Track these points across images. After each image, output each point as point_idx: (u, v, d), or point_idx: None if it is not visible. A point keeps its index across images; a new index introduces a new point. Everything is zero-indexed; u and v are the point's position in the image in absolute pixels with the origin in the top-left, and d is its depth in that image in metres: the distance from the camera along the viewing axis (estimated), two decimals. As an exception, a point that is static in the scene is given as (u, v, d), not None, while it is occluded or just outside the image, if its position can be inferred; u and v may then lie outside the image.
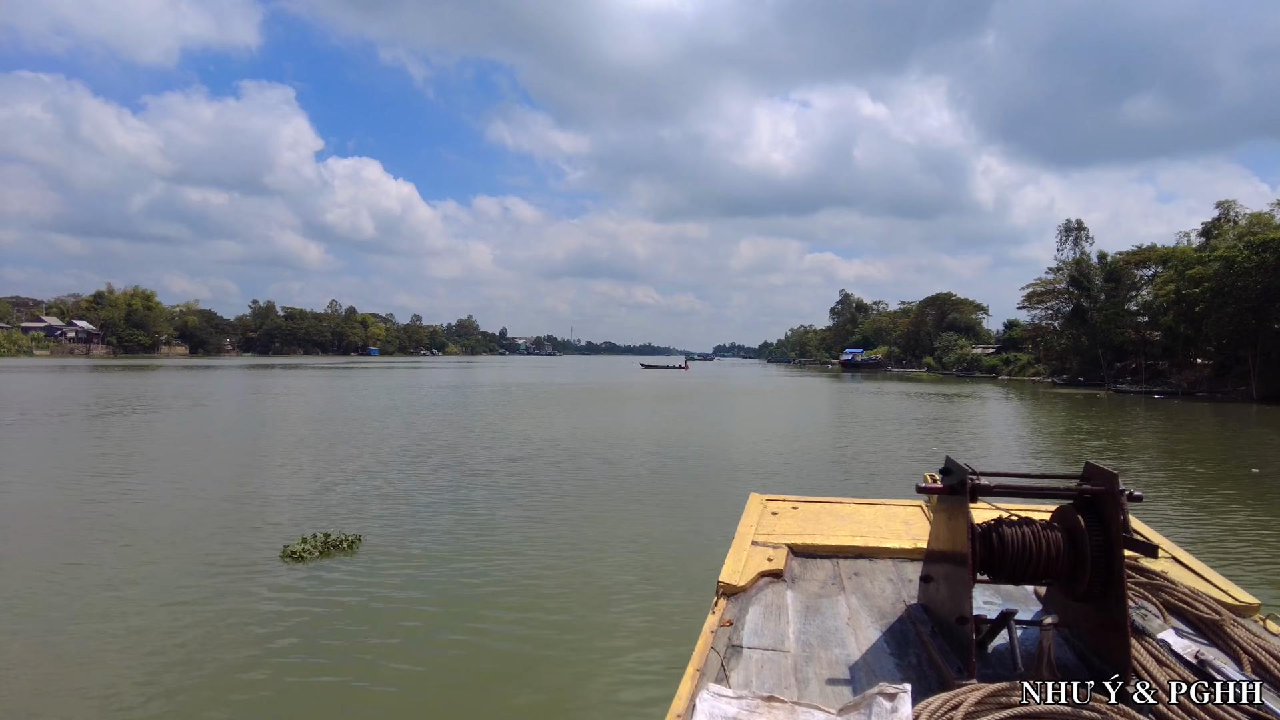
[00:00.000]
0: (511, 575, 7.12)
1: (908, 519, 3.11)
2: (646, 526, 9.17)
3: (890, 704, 1.46)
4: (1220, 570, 2.46)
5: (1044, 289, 63.87)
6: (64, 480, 11.63)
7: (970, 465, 1.88)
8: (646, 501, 10.76)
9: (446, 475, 12.47)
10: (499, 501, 10.41)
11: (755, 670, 1.83)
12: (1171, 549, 2.60)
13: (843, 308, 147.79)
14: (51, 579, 6.83)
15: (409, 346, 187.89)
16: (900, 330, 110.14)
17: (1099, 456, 16.58)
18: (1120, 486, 1.75)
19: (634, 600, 6.50)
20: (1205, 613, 1.99)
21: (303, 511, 9.57)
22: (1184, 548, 2.65)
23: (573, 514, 9.74)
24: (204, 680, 4.89)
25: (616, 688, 4.93)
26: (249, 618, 5.95)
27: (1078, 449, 18.37)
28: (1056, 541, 1.83)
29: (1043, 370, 66.52)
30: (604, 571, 7.30)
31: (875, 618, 2.17)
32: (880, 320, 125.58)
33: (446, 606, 6.28)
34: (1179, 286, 41.65)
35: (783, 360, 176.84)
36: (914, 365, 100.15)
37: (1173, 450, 18.39)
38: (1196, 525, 9.78)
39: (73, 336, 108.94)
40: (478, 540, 8.34)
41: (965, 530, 1.78)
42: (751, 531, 2.84)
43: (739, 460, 15.04)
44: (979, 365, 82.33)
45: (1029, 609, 2.20)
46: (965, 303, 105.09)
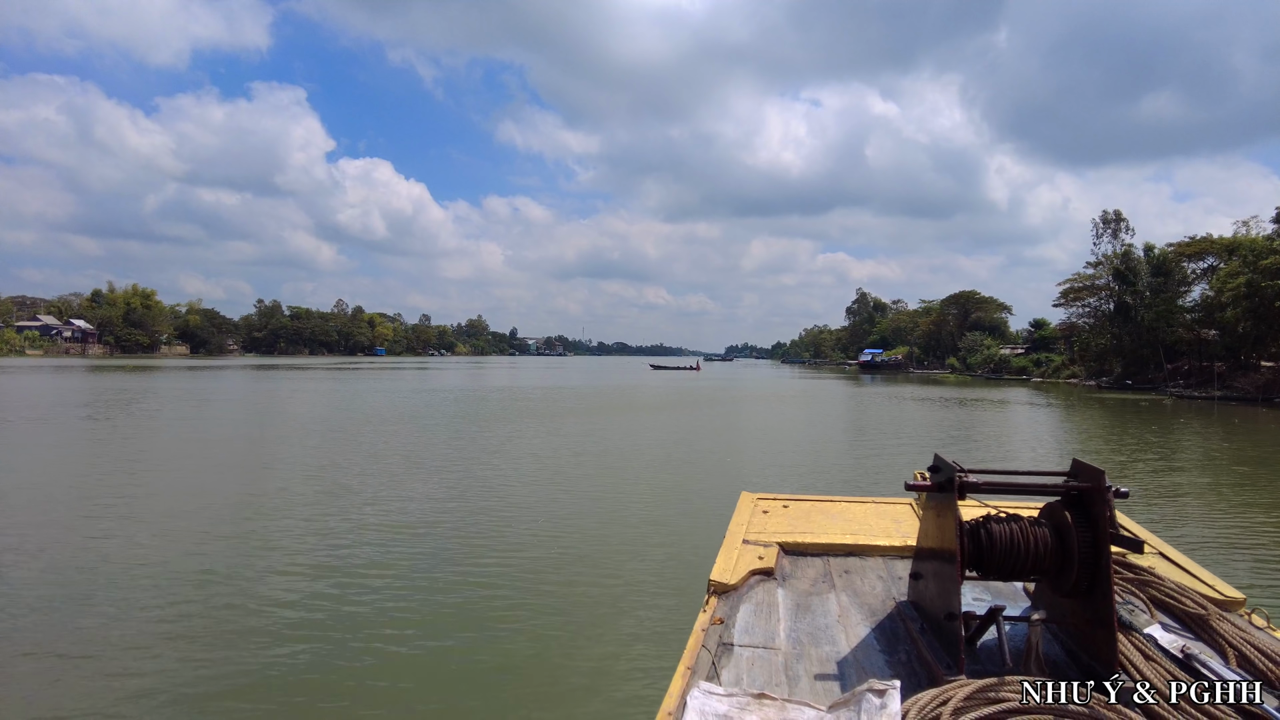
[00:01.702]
0: (503, 575, 7.08)
1: (897, 517, 3.09)
2: (639, 526, 9.17)
3: (880, 700, 1.47)
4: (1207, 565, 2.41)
5: (1082, 284, 59.09)
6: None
7: (959, 463, 1.87)
8: (641, 505, 10.50)
9: (423, 478, 10.12)
10: (488, 503, 10.35)
11: (746, 668, 1.83)
12: (1158, 544, 2.61)
13: (859, 307, 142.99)
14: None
15: (417, 347, 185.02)
16: (921, 330, 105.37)
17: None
18: (1107, 483, 1.75)
19: (626, 599, 6.51)
20: (1191, 607, 1.99)
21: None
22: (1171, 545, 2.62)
23: (565, 513, 9.73)
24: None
25: (608, 686, 4.93)
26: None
27: (1256, 493, 12.71)
28: (1044, 538, 1.82)
29: (1079, 372, 61.77)
30: (595, 571, 7.28)
31: (865, 615, 2.17)
32: (900, 320, 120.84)
33: (437, 604, 6.26)
34: (1252, 279, 36.91)
35: (796, 361, 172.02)
36: (936, 366, 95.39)
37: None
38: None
39: (68, 336, 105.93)
40: (465, 539, 8.37)
41: (954, 527, 1.77)
42: (743, 530, 2.82)
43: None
44: (1007, 367, 77.54)
45: (1017, 605, 2.17)
46: (989, 301, 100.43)
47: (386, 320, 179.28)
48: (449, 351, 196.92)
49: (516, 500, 10.43)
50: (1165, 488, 12.74)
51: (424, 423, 21.30)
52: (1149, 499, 11.56)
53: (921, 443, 18.60)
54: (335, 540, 8.23)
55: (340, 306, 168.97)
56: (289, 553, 7.70)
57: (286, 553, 7.70)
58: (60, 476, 12.15)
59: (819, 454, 16.74)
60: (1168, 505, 11.19)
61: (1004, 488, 1.91)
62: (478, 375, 64.12)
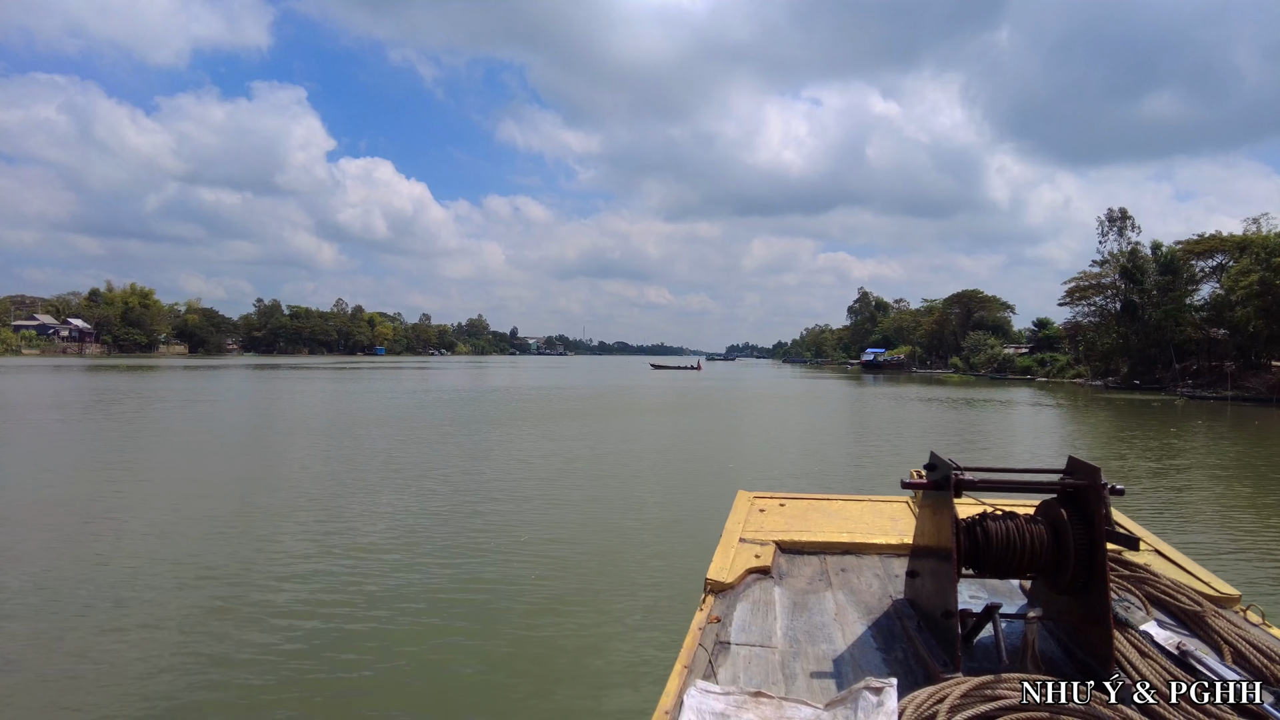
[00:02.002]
0: (500, 573, 7.09)
1: (894, 515, 3.09)
2: (637, 525, 9.19)
3: (876, 698, 1.47)
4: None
5: (1088, 283, 58.19)
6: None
7: (954, 460, 1.86)
8: (638, 506, 10.46)
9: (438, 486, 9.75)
10: (486, 501, 10.39)
11: (743, 666, 1.82)
12: (1154, 542, 2.59)
13: (861, 306, 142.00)
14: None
15: (417, 346, 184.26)
16: (924, 329, 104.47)
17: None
18: (1103, 480, 1.74)
19: (623, 598, 6.49)
20: (1187, 604, 1.99)
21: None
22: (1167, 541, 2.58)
23: (563, 515, 9.68)
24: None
25: (605, 685, 4.93)
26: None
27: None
28: (1040, 535, 1.81)
29: (1085, 372, 60.92)
30: (592, 572, 7.25)
31: (862, 613, 2.16)
32: (902, 319, 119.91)
33: (433, 602, 6.26)
34: (1265, 276, 36.05)
35: (798, 360, 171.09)
36: (939, 366, 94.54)
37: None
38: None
39: (66, 335, 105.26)
40: (466, 539, 8.33)
41: (950, 525, 1.76)
42: (739, 529, 2.82)
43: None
44: (1011, 366, 76.71)
45: (1014, 603, 2.16)
46: (992, 300, 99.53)
47: (386, 320, 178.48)
48: (449, 351, 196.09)
49: (511, 500, 10.36)
50: (1211, 496, 12.03)
51: (416, 424, 20.57)
52: (1186, 508, 10.83)
53: (927, 444, 17.79)
54: (324, 545, 8.00)
55: (340, 306, 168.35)
56: (259, 576, 6.96)
57: (258, 575, 6.96)
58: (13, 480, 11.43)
59: (824, 457, 16.01)
60: (1211, 511, 10.43)
61: (1000, 485, 1.90)
62: (475, 375, 63.42)
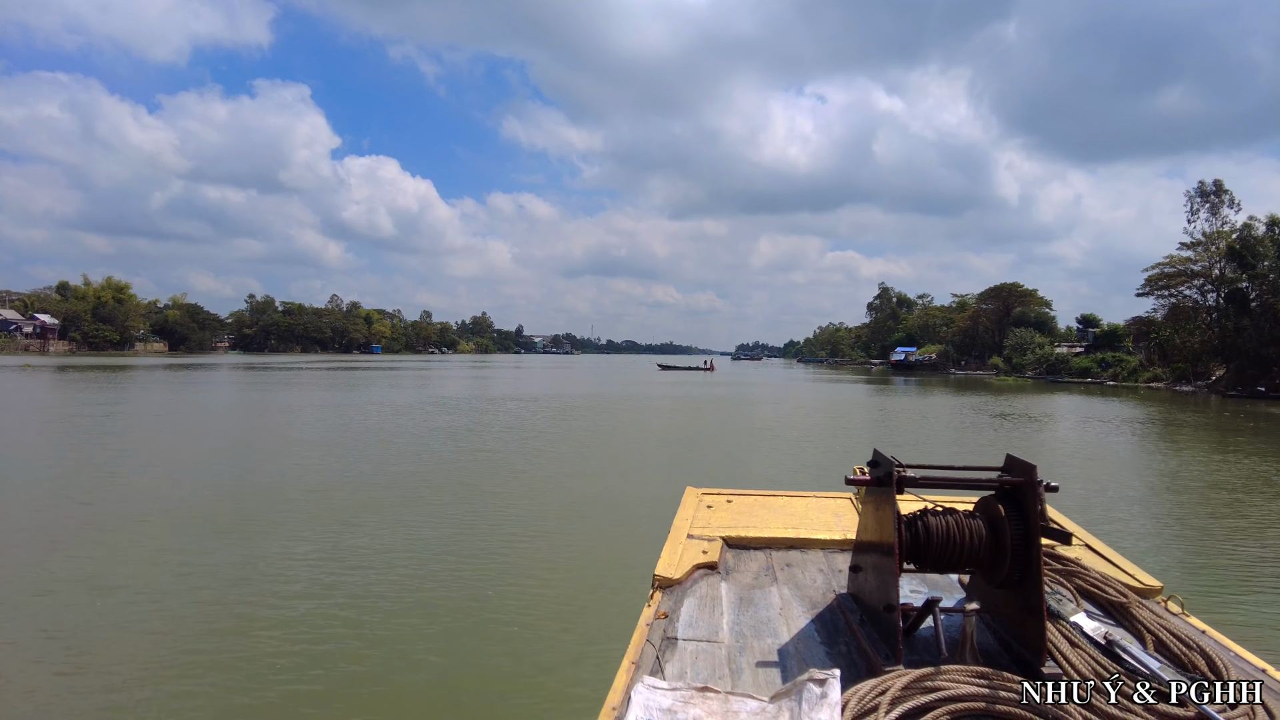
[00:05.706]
0: (447, 571, 7.08)
1: (838, 511, 3.15)
2: (585, 524, 9.21)
3: (820, 690, 1.50)
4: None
5: (1175, 269, 49.65)
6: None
7: (897, 458, 1.90)
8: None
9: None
10: (437, 501, 10.21)
11: (690, 661, 1.84)
12: (1085, 536, 2.66)
13: (881, 303, 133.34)
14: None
15: (417, 344, 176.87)
16: (957, 326, 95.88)
17: None
18: (1038, 478, 1.79)
19: (570, 594, 6.53)
20: (1113, 596, 2.07)
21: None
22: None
23: (513, 513, 9.58)
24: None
25: (552, 681, 4.94)
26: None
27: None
28: (979, 531, 1.85)
29: (1164, 375, 52.42)
30: (540, 567, 7.29)
31: (806, 607, 2.19)
32: (930, 315, 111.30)
33: (382, 601, 6.23)
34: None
35: (813, 360, 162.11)
36: (977, 367, 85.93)
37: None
38: None
39: (29, 332, 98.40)
40: (411, 537, 8.29)
41: (892, 521, 1.80)
42: (687, 524, 2.84)
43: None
44: (1066, 367, 68.15)
45: (953, 597, 2.20)
46: (1032, 295, 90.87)
47: (384, 316, 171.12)
48: (451, 350, 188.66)
49: (458, 500, 10.07)
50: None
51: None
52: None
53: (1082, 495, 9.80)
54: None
55: (335, 302, 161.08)
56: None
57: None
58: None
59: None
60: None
61: (941, 482, 1.94)
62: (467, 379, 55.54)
